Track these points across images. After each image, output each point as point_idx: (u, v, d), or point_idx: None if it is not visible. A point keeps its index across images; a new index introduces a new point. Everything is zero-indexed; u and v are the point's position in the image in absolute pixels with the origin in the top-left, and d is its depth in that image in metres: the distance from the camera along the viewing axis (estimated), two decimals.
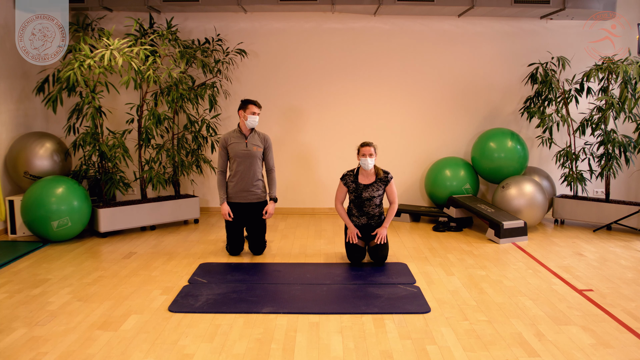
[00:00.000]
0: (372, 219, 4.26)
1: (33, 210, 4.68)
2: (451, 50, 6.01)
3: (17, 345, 2.83)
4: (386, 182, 4.21)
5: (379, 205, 4.26)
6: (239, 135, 4.39)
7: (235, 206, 4.42)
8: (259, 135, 4.44)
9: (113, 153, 5.06)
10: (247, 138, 4.38)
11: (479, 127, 6.14)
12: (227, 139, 4.40)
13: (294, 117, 6.11)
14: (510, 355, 2.73)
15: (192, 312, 3.27)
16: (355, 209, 4.26)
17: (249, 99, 4.38)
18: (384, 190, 4.23)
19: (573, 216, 5.57)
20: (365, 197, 4.19)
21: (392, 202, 4.25)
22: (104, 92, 5.39)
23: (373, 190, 4.19)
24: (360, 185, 4.20)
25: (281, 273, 4.04)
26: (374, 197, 4.20)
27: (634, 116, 5.28)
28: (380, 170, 4.22)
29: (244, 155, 4.35)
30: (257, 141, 4.41)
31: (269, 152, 4.47)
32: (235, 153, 4.36)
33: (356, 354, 2.75)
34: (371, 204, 4.21)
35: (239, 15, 5.92)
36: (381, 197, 4.25)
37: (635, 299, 3.53)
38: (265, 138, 4.47)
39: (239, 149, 4.35)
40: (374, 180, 4.20)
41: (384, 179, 4.21)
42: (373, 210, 4.24)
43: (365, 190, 4.19)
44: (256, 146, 4.38)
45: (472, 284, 3.81)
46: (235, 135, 4.40)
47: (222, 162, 4.44)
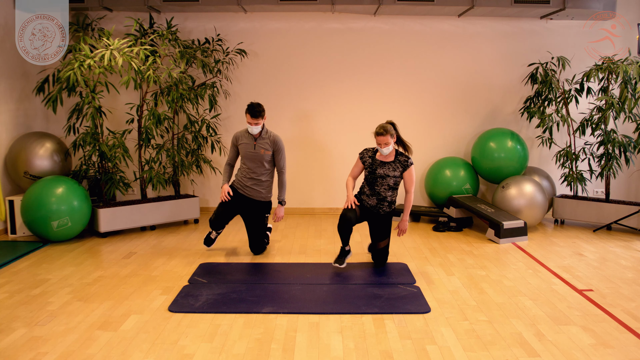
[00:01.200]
0: (382, 203, 4.06)
1: (33, 210, 4.68)
2: (451, 50, 6.01)
3: (17, 345, 2.83)
4: (405, 165, 4.00)
5: (392, 189, 4.04)
6: (249, 135, 4.38)
7: (237, 192, 4.43)
8: (270, 138, 4.38)
9: (113, 153, 5.06)
10: (256, 140, 4.35)
11: (479, 127, 6.14)
12: (238, 137, 4.41)
13: (294, 117, 6.10)
14: (510, 355, 2.73)
15: (192, 312, 3.27)
16: (367, 186, 4.08)
17: (249, 106, 4.25)
18: (401, 174, 4.01)
19: (573, 216, 5.57)
20: (379, 174, 4.00)
21: (408, 191, 4.05)
22: (104, 92, 5.39)
23: (389, 169, 3.99)
24: (377, 161, 4.03)
25: (281, 273, 4.04)
26: (388, 177, 3.99)
27: (634, 116, 5.28)
28: (401, 153, 4.04)
29: (251, 156, 4.36)
30: (266, 144, 4.36)
31: (279, 155, 4.41)
32: (243, 153, 4.39)
33: (356, 354, 2.75)
34: (384, 183, 4.00)
35: (239, 15, 5.92)
36: (396, 179, 4.01)
37: (635, 299, 3.53)
38: (276, 141, 4.39)
39: (246, 150, 4.37)
40: (393, 159, 4.02)
41: (404, 162, 4.01)
42: (385, 192, 4.03)
43: (381, 167, 4.01)
44: (264, 149, 4.35)
45: (472, 284, 3.81)
46: (245, 135, 4.39)
47: (231, 156, 4.49)
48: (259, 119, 4.24)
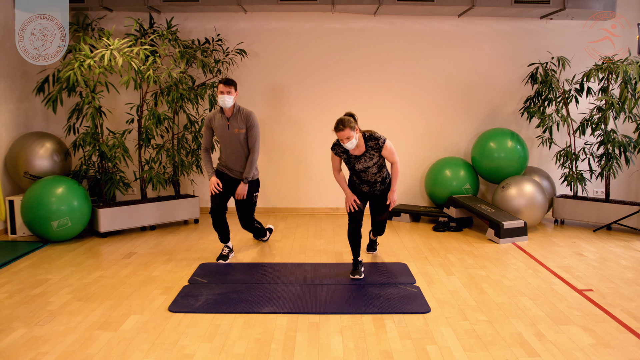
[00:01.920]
0: (375, 186, 3.99)
1: (33, 210, 4.68)
2: (451, 50, 6.01)
3: (17, 345, 2.83)
4: (379, 149, 3.80)
5: (378, 172, 3.92)
6: (222, 116, 4.22)
7: (224, 175, 4.35)
8: (242, 115, 4.21)
9: (113, 153, 5.06)
10: (229, 120, 4.19)
11: (479, 127, 6.14)
12: (211, 119, 4.25)
13: (294, 117, 6.10)
14: (510, 355, 2.73)
15: (192, 312, 3.27)
16: (355, 176, 3.99)
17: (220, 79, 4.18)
18: (379, 154, 3.83)
19: (573, 216, 5.57)
20: (359, 168, 3.88)
21: (393, 162, 3.88)
22: (104, 92, 5.39)
23: (366, 160, 3.84)
24: (352, 157, 3.86)
25: (281, 273, 4.04)
26: (369, 167, 3.87)
27: (634, 116, 5.28)
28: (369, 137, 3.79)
29: (227, 138, 4.23)
30: (240, 122, 4.20)
31: (251, 131, 4.22)
32: (219, 135, 4.25)
33: (356, 354, 2.75)
34: (368, 173, 3.90)
35: (239, 15, 5.92)
36: (378, 163, 3.88)
37: (635, 299, 3.53)
38: (248, 117, 4.21)
39: (222, 132, 4.22)
40: (365, 150, 3.81)
41: (375, 146, 3.79)
42: (373, 177, 3.93)
43: (357, 161, 3.86)
44: (238, 128, 4.19)
45: (472, 284, 3.81)
46: (218, 116, 4.23)
47: (207, 140, 4.30)
48: (231, 86, 4.10)
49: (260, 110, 6.04)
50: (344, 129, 3.62)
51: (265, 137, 6.06)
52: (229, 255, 4.39)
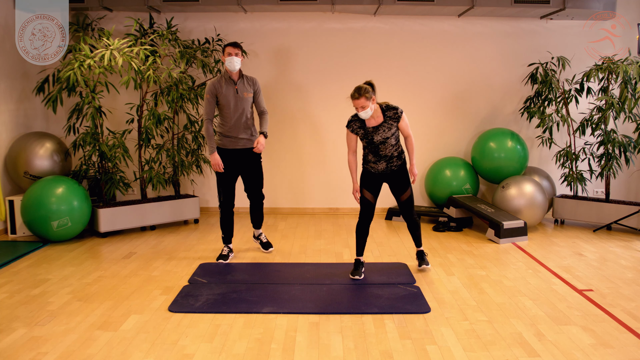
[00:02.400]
0: (392, 161, 3.84)
1: (33, 210, 4.68)
2: (451, 50, 6.00)
3: (17, 345, 2.83)
4: (397, 118, 3.74)
5: (396, 145, 3.82)
6: (228, 81, 4.14)
7: (227, 153, 4.22)
8: (247, 80, 4.21)
9: (113, 153, 5.06)
10: (237, 84, 4.15)
11: (479, 127, 6.14)
12: (216, 86, 4.12)
13: (294, 117, 6.10)
14: (510, 355, 2.73)
15: (192, 312, 3.27)
16: (371, 154, 3.83)
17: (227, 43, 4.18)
18: (397, 127, 3.77)
19: (573, 216, 5.57)
20: (377, 140, 3.75)
21: (407, 135, 3.84)
22: (104, 92, 5.39)
23: (384, 131, 3.74)
24: (369, 129, 3.75)
25: (281, 273, 4.04)
26: (388, 138, 3.75)
27: (634, 116, 5.28)
28: (387, 107, 3.76)
29: (235, 103, 4.13)
30: (247, 87, 4.18)
31: (259, 96, 4.26)
32: (226, 101, 4.12)
33: (356, 354, 2.75)
34: (387, 146, 3.77)
35: (239, 15, 5.92)
36: (396, 135, 3.79)
37: (635, 299, 3.53)
38: (254, 81, 4.24)
39: (230, 97, 4.13)
40: (382, 120, 3.74)
41: (394, 116, 3.73)
42: (390, 151, 3.80)
43: (375, 133, 3.74)
44: (246, 92, 4.17)
45: (472, 284, 3.81)
46: (223, 82, 4.14)
47: (210, 110, 4.15)
48: (239, 49, 4.09)
49: None
50: (359, 98, 3.58)
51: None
52: (229, 255, 4.39)
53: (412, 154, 3.90)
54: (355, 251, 4.06)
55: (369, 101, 3.61)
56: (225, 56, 4.08)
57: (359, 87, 3.61)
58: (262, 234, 4.65)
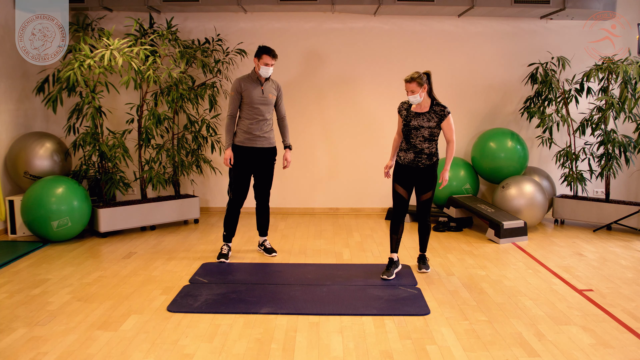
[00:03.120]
0: (420, 156, 3.88)
1: (33, 210, 4.68)
2: (451, 50, 6.00)
3: (17, 345, 2.83)
4: (441, 115, 3.83)
5: (427, 140, 3.87)
6: (255, 81, 4.23)
7: (245, 151, 4.26)
8: (274, 83, 4.33)
9: (113, 153, 5.06)
10: (263, 85, 4.24)
11: (479, 127, 6.14)
12: (242, 83, 4.21)
13: (294, 117, 6.10)
14: (510, 355, 2.73)
15: (192, 312, 3.27)
16: (404, 141, 3.94)
17: (265, 47, 4.17)
18: (438, 124, 3.85)
19: (573, 216, 5.57)
20: (413, 125, 3.85)
21: (449, 140, 3.92)
22: (104, 92, 5.38)
23: (423, 119, 3.84)
24: (412, 113, 3.88)
25: (281, 273, 4.04)
26: (423, 127, 3.84)
27: (634, 116, 5.28)
28: (437, 103, 3.87)
29: (260, 101, 4.21)
30: (272, 89, 4.29)
31: (281, 101, 4.39)
32: (251, 99, 4.19)
33: (356, 354, 2.75)
34: (418, 135, 3.85)
35: (239, 15, 5.92)
36: (432, 130, 3.85)
37: (635, 299, 3.53)
38: (278, 86, 4.36)
39: (255, 95, 4.20)
40: (427, 110, 3.86)
41: (440, 112, 3.84)
42: (421, 145, 3.86)
43: (415, 118, 3.86)
44: (271, 94, 4.27)
45: (472, 284, 3.81)
46: (250, 81, 4.22)
47: (235, 107, 4.24)
48: (275, 59, 4.19)
49: None
50: (411, 82, 3.75)
51: None
52: (228, 254, 4.40)
53: (449, 159, 3.95)
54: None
55: (420, 87, 3.76)
56: (260, 62, 4.14)
57: (414, 73, 3.79)
58: (267, 241, 4.62)
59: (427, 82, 3.81)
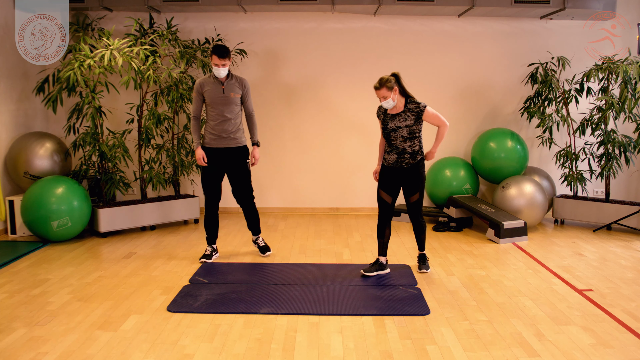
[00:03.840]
0: (403, 156, 3.82)
1: (33, 210, 4.68)
2: (451, 50, 6.00)
3: (17, 345, 2.83)
4: (417, 112, 3.74)
5: (408, 139, 3.80)
6: (215, 80, 4.12)
7: (213, 152, 4.19)
8: (237, 80, 4.18)
9: (113, 153, 5.06)
10: (224, 84, 4.11)
11: (479, 127, 6.14)
12: (202, 84, 4.11)
13: (294, 117, 6.10)
14: (510, 355, 2.73)
15: (192, 312, 3.27)
16: (387, 144, 3.91)
17: (215, 47, 4.02)
18: (416, 121, 3.76)
19: (573, 216, 5.57)
20: (390, 127, 3.80)
21: (438, 125, 3.83)
22: (104, 92, 5.38)
23: (399, 120, 3.77)
24: (388, 115, 3.83)
25: (281, 273, 4.04)
26: (400, 128, 3.77)
27: (634, 116, 5.28)
28: (411, 101, 3.79)
29: (221, 101, 4.10)
30: (235, 87, 4.15)
31: (248, 97, 4.25)
32: (212, 99, 4.10)
33: (356, 354, 2.75)
34: (398, 136, 3.79)
35: (239, 15, 5.92)
36: (410, 129, 3.77)
37: (635, 299, 3.53)
38: (244, 82, 4.21)
39: (215, 95, 4.09)
40: (402, 110, 3.78)
41: (414, 109, 3.75)
42: (402, 144, 3.80)
43: (391, 120, 3.80)
44: (234, 93, 4.14)
45: (472, 284, 3.81)
46: (211, 81, 4.11)
47: (197, 107, 4.19)
48: (226, 59, 4.05)
49: (260, 110, 6.05)
50: (379, 88, 3.70)
51: (266, 137, 6.06)
52: (212, 255, 4.35)
53: (437, 140, 3.90)
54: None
55: (391, 91, 3.70)
56: (212, 63, 4.05)
57: (381, 79, 3.72)
58: (260, 238, 4.57)
59: (397, 84, 3.76)
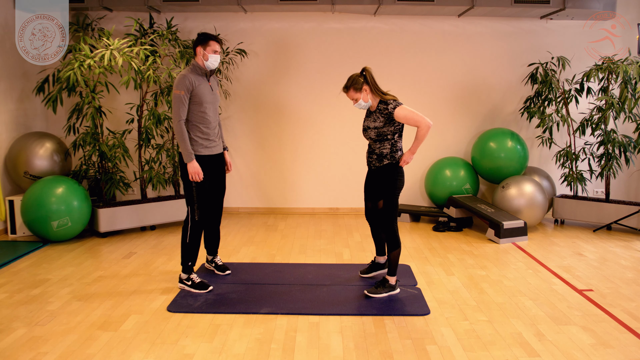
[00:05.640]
0: (371, 157, 3.58)
1: (33, 210, 4.68)
2: (451, 50, 6.00)
3: (17, 345, 2.83)
4: (387, 114, 3.43)
5: (377, 141, 3.52)
6: (202, 76, 3.56)
7: (207, 160, 3.61)
8: (215, 77, 3.74)
9: (113, 153, 5.06)
10: (209, 80, 3.61)
11: (479, 127, 6.14)
12: (191, 80, 3.47)
13: (294, 118, 6.10)
14: (510, 355, 2.73)
15: (191, 312, 3.27)
16: None
17: (208, 33, 3.55)
18: (385, 123, 3.45)
19: (573, 216, 5.57)
20: (363, 126, 3.60)
21: (416, 125, 3.41)
22: (104, 92, 5.38)
23: (370, 120, 3.54)
24: (366, 112, 3.65)
25: (281, 273, 4.04)
26: (369, 129, 3.52)
27: (634, 116, 5.28)
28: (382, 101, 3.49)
29: (211, 99, 3.60)
30: (215, 83, 3.71)
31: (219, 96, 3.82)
32: (203, 98, 3.52)
33: (356, 354, 2.75)
34: (367, 136, 3.56)
35: (239, 15, 5.92)
36: (378, 131, 3.48)
37: (635, 299, 3.53)
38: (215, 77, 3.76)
39: (205, 92, 3.54)
40: (375, 109, 3.53)
41: (383, 110, 3.45)
42: (373, 145, 3.55)
43: (366, 118, 3.60)
44: (218, 89, 3.76)
45: (472, 284, 3.81)
46: (198, 77, 3.53)
47: (185, 109, 3.47)
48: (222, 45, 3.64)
49: (261, 110, 6.05)
50: (347, 91, 3.48)
51: (266, 137, 6.06)
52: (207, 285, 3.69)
53: (415, 142, 3.48)
54: None
55: (359, 92, 3.45)
56: (207, 51, 3.50)
57: (348, 79, 3.49)
58: (218, 257, 4.06)
59: (366, 82, 3.47)
